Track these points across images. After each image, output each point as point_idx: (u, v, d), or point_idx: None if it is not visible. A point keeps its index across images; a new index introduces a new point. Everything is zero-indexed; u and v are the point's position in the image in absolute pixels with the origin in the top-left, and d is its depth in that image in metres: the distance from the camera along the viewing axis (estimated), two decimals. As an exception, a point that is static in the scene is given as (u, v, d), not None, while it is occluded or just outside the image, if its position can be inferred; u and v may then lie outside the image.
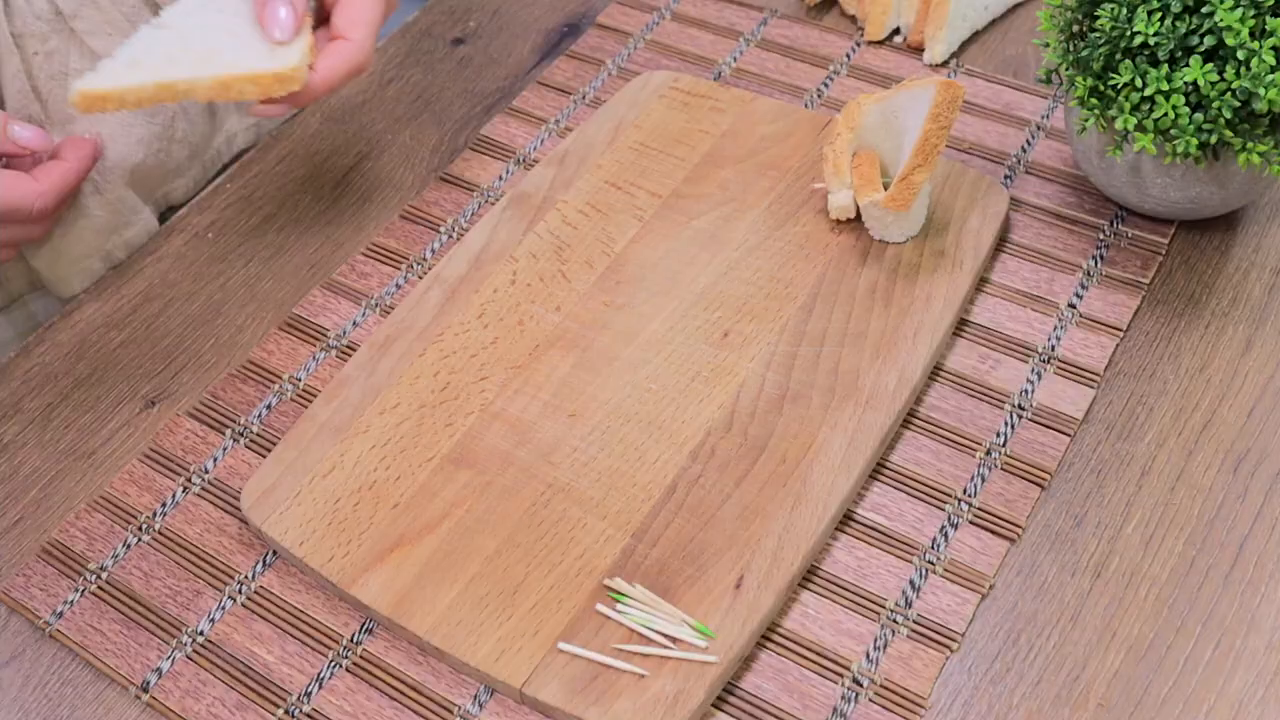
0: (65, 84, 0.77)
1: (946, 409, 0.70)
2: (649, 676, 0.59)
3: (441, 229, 0.82)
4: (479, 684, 0.61)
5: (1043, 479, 0.67)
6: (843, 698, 0.60)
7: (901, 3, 0.90)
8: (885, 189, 0.74)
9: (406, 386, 0.71)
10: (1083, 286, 0.75)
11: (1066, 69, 0.72)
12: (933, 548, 0.65)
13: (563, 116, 0.88)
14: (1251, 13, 0.65)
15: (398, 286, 0.79)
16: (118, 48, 0.69)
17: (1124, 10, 0.68)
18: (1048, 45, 0.73)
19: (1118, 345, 0.73)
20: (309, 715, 0.61)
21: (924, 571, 0.64)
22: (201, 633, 0.64)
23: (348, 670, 0.62)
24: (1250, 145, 0.67)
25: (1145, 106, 0.68)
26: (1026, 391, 0.70)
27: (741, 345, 0.71)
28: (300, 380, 0.74)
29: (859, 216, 0.76)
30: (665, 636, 0.60)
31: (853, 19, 0.93)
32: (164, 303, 0.80)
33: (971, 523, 0.66)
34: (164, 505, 0.69)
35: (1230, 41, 0.65)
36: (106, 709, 0.62)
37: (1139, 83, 0.68)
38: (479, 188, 0.84)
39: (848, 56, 0.90)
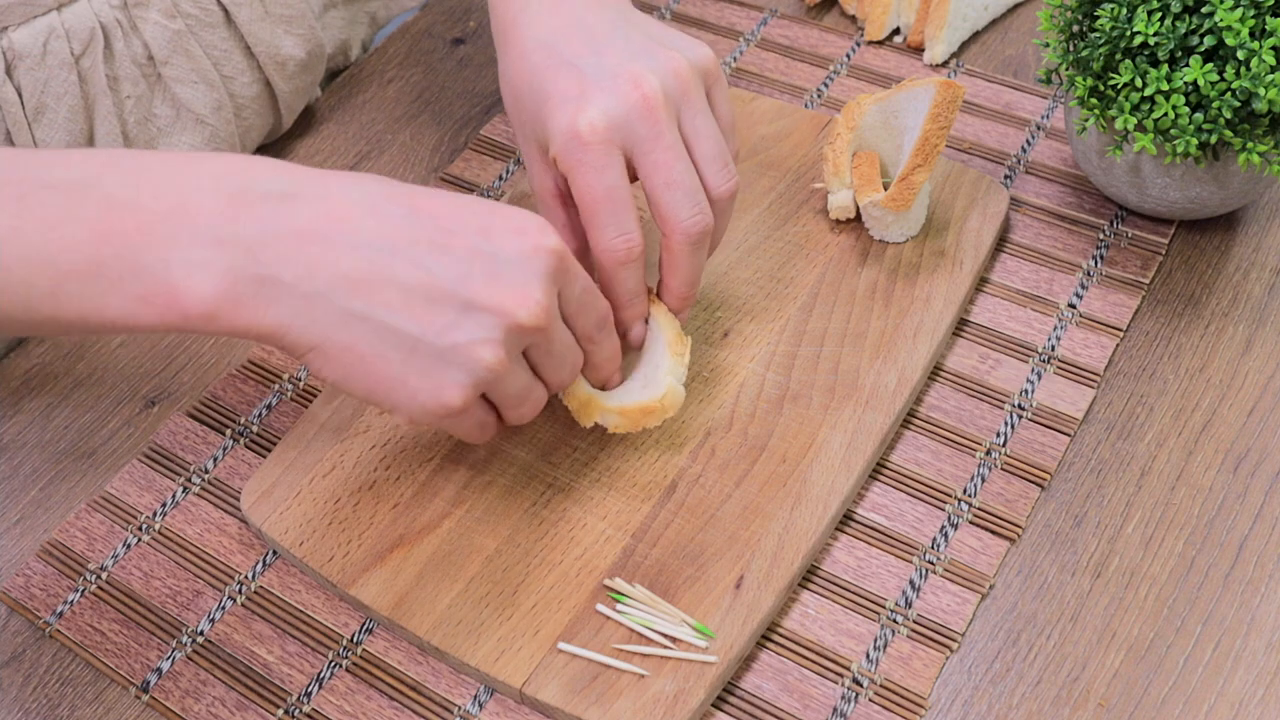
0: (149, 129, 0.78)
1: (946, 409, 0.70)
2: (649, 676, 0.59)
3: (441, 229, 0.82)
4: (479, 684, 0.61)
5: (1043, 479, 0.67)
6: (843, 698, 0.60)
7: (901, 3, 0.90)
8: (885, 189, 0.74)
9: (406, 386, 0.71)
10: (1083, 286, 0.75)
11: (1066, 69, 0.72)
12: (933, 548, 0.65)
13: (563, 116, 0.88)
14: (1251, 13, 0.65)
15: (398, 286, 0.79)
16: None
17: (1124, 10, 0.68)
18: (1048, 45, 0.73)
19: (1118, 345, 0.73)
20: (309, 715, 0.61)
21: (924, 571, 0.64)
22: (201, 633, 0.64)
23: (348, 670, 0.62)
24: (1250, 145, 0.67)
25: (1145, 106, 0.68)
26: (1026, 391, 0.70)
27: (741, 345, 0.71)
28: (300, 380, 0.74)
29: (859, 216, 0.76)
30: (665, 636, 0.60)
31: (853, 19, 0.93)
32: (164, 303, 0.79)
33: (971, 523, 0.66)
34: (164, 505, 0.69)
35: (1230, 41, 0.65)
36: (106, 709, 0.62)
37: (1139, 83, 0.68)
38: (479, 188, 0.84)
39: (848, 56, 0.90)
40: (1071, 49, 0.72)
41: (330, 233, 0.51)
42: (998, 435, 0.69)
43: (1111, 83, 0.69)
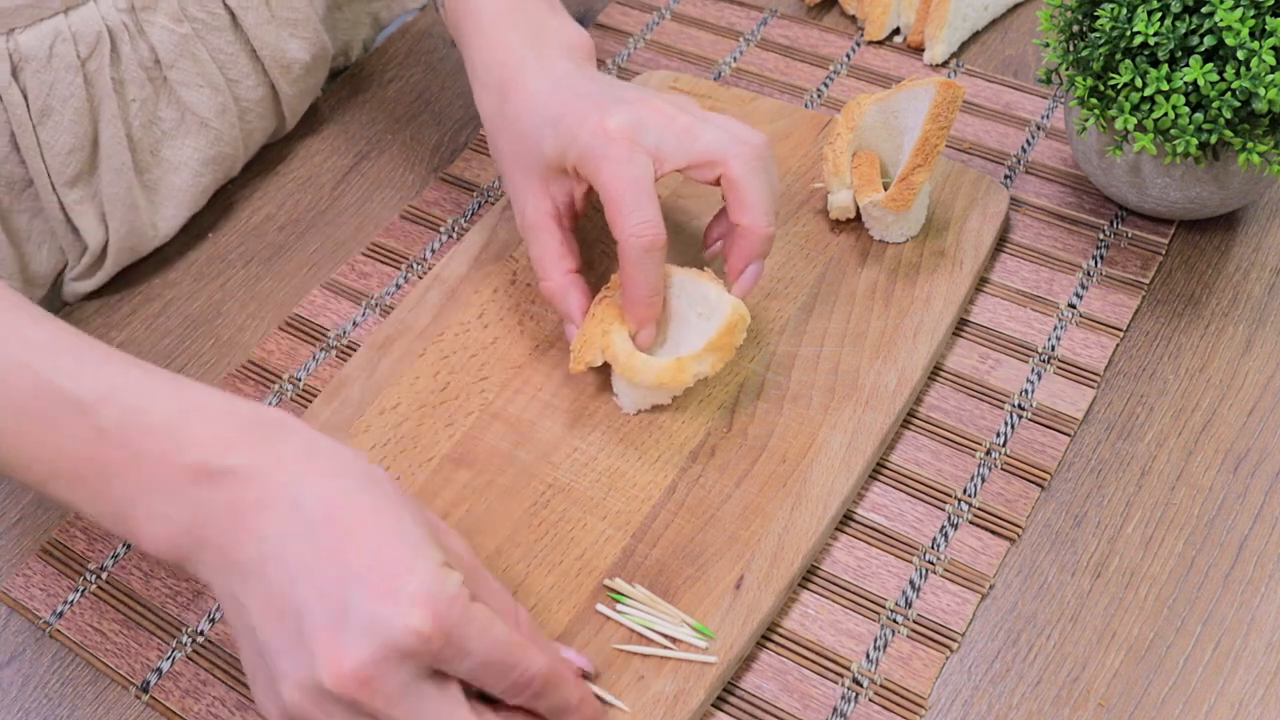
0: (152, 132, 0.78)
1: (946, 409, 0.70)
2: (649, 677, 0.59)
3: (441, 229, 0.82)
4: (479, 684, 0.61)
5: (1043, 479, 0.67)
6: (843, 698, 0.60)
7: (901, 3, 0.90)
8: (885, 189, 0.74)
9: (406, 386, 0.71)
10: (1083, 286, 0.75)
11: (1066, 69, 0.72)
12: (933, 548, 0.65)
13: (563, 116, 0.88)
14: (1251, 13, 0.65)
15: (398, 286, 0.79)
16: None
17: (1124, 10, 0.68)
18: (1048, 45, 0.73)
19: (1118, 345, 0.73)
20: (309, 715, 0.61)
21: (924, 571, 0.64)
22: (201, 633, 0.64)
23: (348, 670, 0.62)
24: (1250, 145, 0.67)
25: (1145, 106, 0.68)
26: (1026, 391, 0.70)
27: (741, 345, 0.71)
28: (300, 380, 0.74)
29: (859, 216, 0.76)
30: (665, 637, 0.60)
31: (853, 19, 0.93)
32: (164, 303, 0.80)
33: (971, 523, 0.66)
34: (164, 505, 0.69)
35: (1230, 41, 0.65)
36: (106, 709, 0.62)
37: (1139, 83, 0.68)
38: (479, 188, 0.84)
39: (848, 56, 0.90)
40: (1071, 49, 0.72)
41: (248, 517, 0.52)
42: (998, 435, 0.69)
43: (1111, 83, 0.69)
